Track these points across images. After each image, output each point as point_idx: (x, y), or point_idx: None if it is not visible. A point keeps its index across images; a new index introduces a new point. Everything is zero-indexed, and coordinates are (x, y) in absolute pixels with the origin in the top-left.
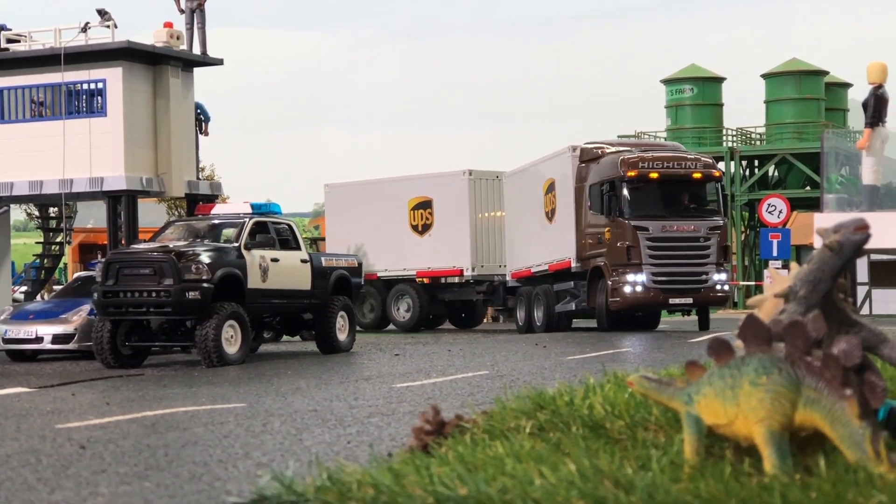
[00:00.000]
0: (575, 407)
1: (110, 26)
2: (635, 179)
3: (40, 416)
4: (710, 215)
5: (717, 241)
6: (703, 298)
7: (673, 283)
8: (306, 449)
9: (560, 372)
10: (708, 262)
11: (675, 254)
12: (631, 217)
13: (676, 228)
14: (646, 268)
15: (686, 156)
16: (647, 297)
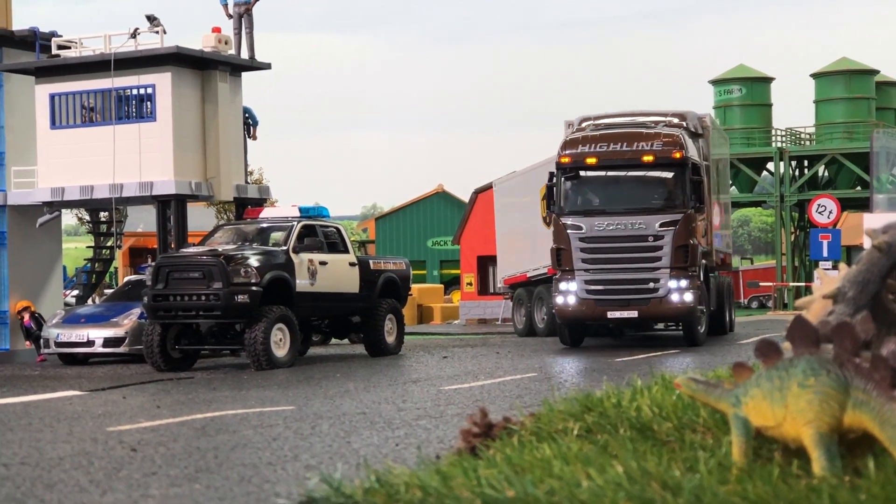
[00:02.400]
0: (622, 409)
1: (159, 32)
2: (569, 167)
3: (92, 419)
4: (667, 208)
5: (674, 239)
6: (653, 311)
7: (611, 292)
8: (354, 451)
9: (607, 374)
10: (659, 266)
11: (613, 257)
12: (562, 213)
13: (615, 226)
14: (578, 274)
15: (641, 131)
16: (579, 310)
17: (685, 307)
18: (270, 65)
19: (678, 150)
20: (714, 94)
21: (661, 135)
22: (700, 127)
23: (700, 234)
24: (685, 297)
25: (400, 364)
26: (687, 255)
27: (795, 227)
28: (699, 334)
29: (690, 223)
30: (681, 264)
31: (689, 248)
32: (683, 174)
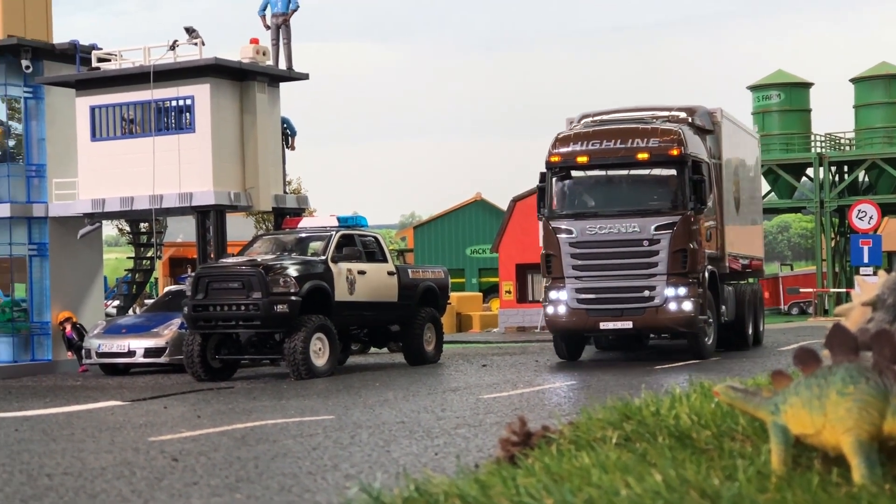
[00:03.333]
0: (661, 417)
1: (198, 44)
2: (559, 166)
3: (133, 429)
4: (664, 209)
5: (671, 243)
6: (649, 322)
7: (604, 301)
8: (394, 460)
9: (646, 382)
10: (655, 272)
11: (606, 263)
12: (552, 216)
13: (607, 229)
14: (569, 282)
15: (637, 127)
16: (570, 321)
17: (684, 317)
18: (308, 75)
19: (676, 147)
20: (752, 99)
21: (658, 131)
22: (710, 123)
23: (703, 237)
24: (684, 306)
25: (439, 373)
26: (685, 260)
27: (836, 232)
28: (705, 346)
29: (690, 225)
30: (678, 270)
31: (687, 253)
32: (682, 173)
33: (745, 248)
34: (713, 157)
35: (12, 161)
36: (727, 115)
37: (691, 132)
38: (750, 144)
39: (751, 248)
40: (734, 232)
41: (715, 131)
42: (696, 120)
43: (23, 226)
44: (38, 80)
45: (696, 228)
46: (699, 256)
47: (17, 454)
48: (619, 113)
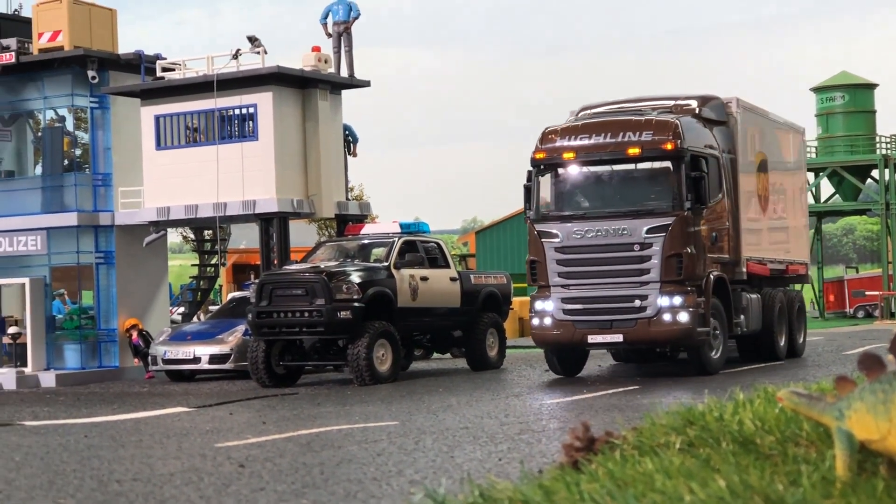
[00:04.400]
0: (724, 422)
1: (260, 52)
2: (544, 164)
3: (200, 436)
4: (657, 210)
5: (664, 247)
6: (640, 335)
7: (591, 312)
8: (458, 466)
9: (710, 387)
10: (647, 280)
11: (594, 270)
12: (538, 218)
13: (595, 233)
14: (554, 291)
15: (630, 119)
16: (556, 334)
17: (679, 329)
18: (370, 82)
19: (670, 141)
20: (816, 101)
21: (652, 123)
22: (723, 113)
23: (706, 239)
24: (679, 318)
25: (502, 378)
26: (681, 266)
27: None
28: (711, 361)
29: (686, 227)
30: (673, 277)
31: (683, 258)
32: (678, 169)
33: (777, 251)
34: (725, 151)
35: (79, 170)
36: (746, 105)
37: (695, 124)
38: (787, 138)
39: (787, 251)
40: (758, 234)
41: (728, 123)
42: (705, 111)
43: (90, 234)
44: (104, 90)
45: (694, 230)
46: (699, 262)
47: (87, 460)
48: (622, 104)
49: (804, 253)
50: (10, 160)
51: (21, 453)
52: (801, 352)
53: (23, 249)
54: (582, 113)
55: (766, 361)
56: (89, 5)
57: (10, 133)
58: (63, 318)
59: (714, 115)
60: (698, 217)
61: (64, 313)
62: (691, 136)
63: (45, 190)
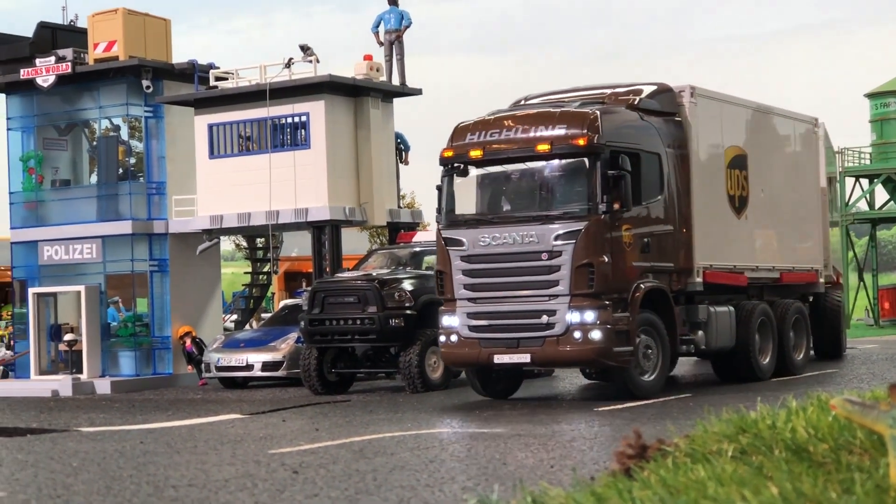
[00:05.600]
0: (777, 430)
1: (312, 61)
2: (451, 162)
3: (254, 442)
4: (569, 214)
5: (574, 256)
6: (549, 355)
7: (497, 329)
8: (510, 473)
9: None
10: (556, 292)
11: (500, 282)
12: (445, 224)
13: (502, 240)
14: (460, 305)
15: (546, 111)
16: (462, 352)
17: (592, 349)
18: (421, 90)
19: (583, 136)
20: (870, 107)
21: (568, 115)
22: (672, 104)
23: (631, 246)
24: (591, 336)
25: (553, 385)
26: (592, 276)
27: None
28: (640, 384)
29: (601, 233)
30: (584, 290)
31: (595, 268)
32: (593, 167)
33: (764, 257)
34: (673, 146)
35: (133, 179)
36: (706, 94)
37: (627, 116)
38: (789, 131)
39: (786, 258)
40: (729, 238)
41: (679, 114)
42: (646, 101)
43: (144, 242)
44: (159, 99)
45: (613, 236)
46: (619, 272)
47: (143, 466)
48: (561, 94)
49: (818, 259)
50: (66, 169)
51: (78, 459)
52: (796, 369)
53: (78, 257)
54: (515, 104)
55: (744, 381)
56: (144, 15)
57: (66, 142)
58: (117, 325)
59: (659, 107)
60: (619, 221)
61: (118, 321)
62: (615, 129)
63: (101, 198)
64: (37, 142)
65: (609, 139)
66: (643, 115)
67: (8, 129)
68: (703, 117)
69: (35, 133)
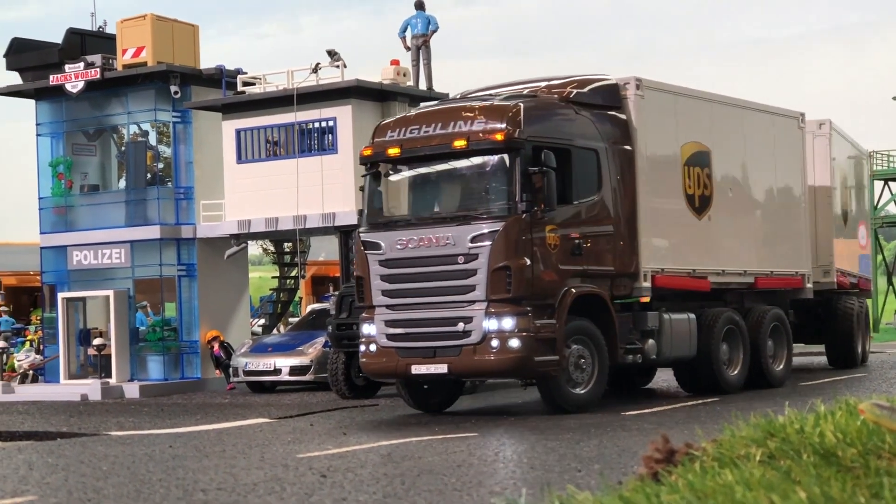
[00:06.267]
0: (805, 434)
1: (340, 66)
2: (370, 160)
3: (282, 446)
4: (486, 214)
5: (490, 259)
6: (466, 365)
7: (414, 337)
8: (538, 477)
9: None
10: (473, 298)
11: (417, 287)
12: (365, 227)
13: (418, 243)
14: (378, 312)
15: (466, 105)
16: (380, 362)
17: (510, 359)
18: (448, 95)
19: (501, 130)
20: None
21: (487, 109)
22: (615, 97)
23: (555, 248)
24: (509, 344)
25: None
26: (510, 281)
27: None
28: (570, 396)
29: (520, 234)
30: (501, 295)
31: (513, 272)
32: (512, 163)
33: (734, 260)
34: (614, 141)
35: (162, 184)
36: (655, 86)
37: (558, 110)
38: (767, 127)
39: (761, 262)
40: (687, 240)
41: (623, 107)
42: (582, 94)
43: (172, 247)
44: (187, 104)
45: (535, 237)
46: (542, 276)
47: (172, 470)
48: (499, 88)
49: (803, 263)
50: (95, 174)
51: (108, 463)
52: (778, 381)
53: (107, 262)
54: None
55: (709, 395)
56: (172, 21)
57: (94, 148)
58: (146, 329)
59: (599, 100)
60: (542, 221)
61: (146, 325)
62: (540, 123)
63: (129, 203)
64: (66, 147)
65: (532, 134)
66: (579, 109)
67: (38, 135)
68: (652, 111)
69: (64, 139)
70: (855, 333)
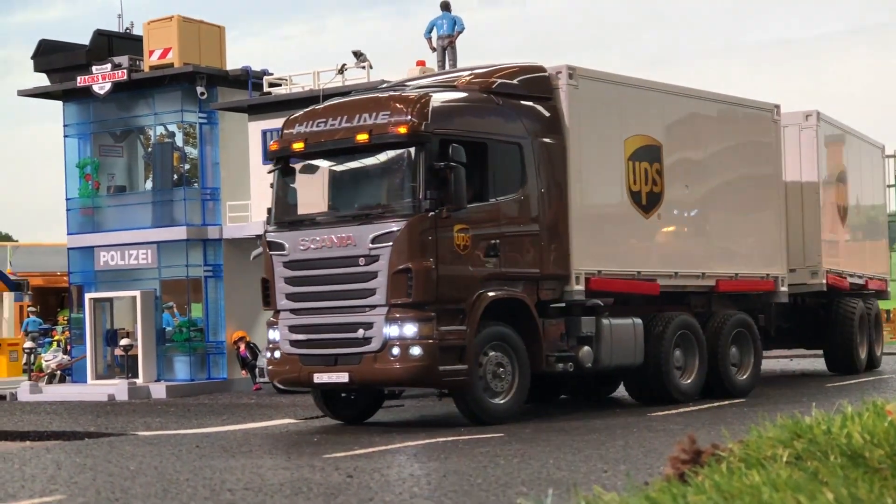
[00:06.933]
0: (832, 436)
1: (365, 67)
2: (276, 155)
3: (308, 447)
4: (388, 212)
5: (392, 259)
6: (366, 374)
7: (316, 344)
8: (564, 477)
9: (818, 400)
10: (373, 302)
11: (319, 290)
12: (273, 227)
13: (321, 244)
14: (283, 317)
15: (374, 97)
16: (284, 370)
17: (412, 367)
18: None
19: (405, 123)
20: None
21: (394, 100)
22: (545, 88)
23: (468, 249)
24: (411, 352)
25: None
26: (410, 284)
27: None
28: (488, 407)
29: (424, 234)
30: (402, 299)
31: (414, 274)
32: (417, 158)
33: (692, 262)
34: (542, 134)
35: (188, 185)
36: (591, 75)
37: (478, 101)
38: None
39: (724, 263)
40: (635, 241)
41: (553, 98)
42: (507, 84)
43: (198, 248)
44: (213, 105)
45: (440, 238)
46: (449, 279)
47: (199, 469)
48: (422, 78)
49: (776, 264)
50: (122, 175)
51: (135, 462)
52: (741, 391)
53: (134, 263)
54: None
55: (659, 405)
56: (198, 23)
57: (121, 149)
58: (172, 330)
59: (526, 91)
60: (450, 220)
61: (173, 326)
62: (450, 115)
63: (156, 204)
64: (93, 148)
65: (440, 126)
66: (501, 100)
67: (65, 136)
68: (588, 102)
69: (91, 140)
70: (856, 337)
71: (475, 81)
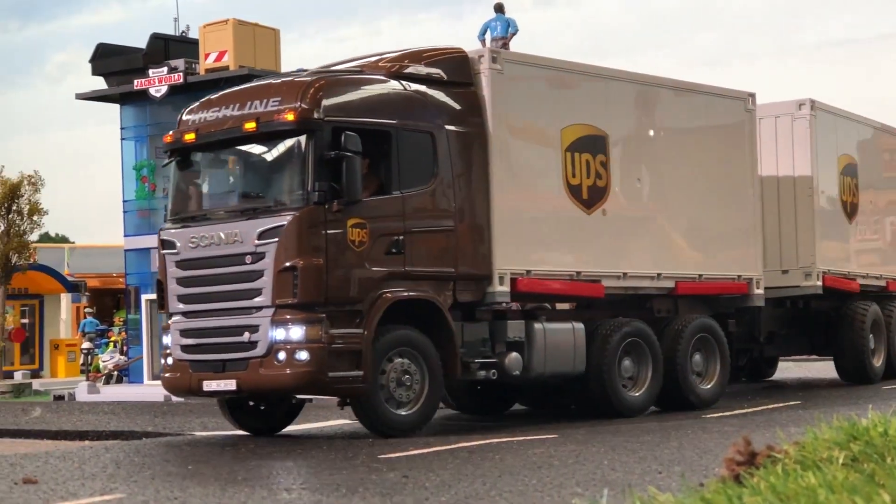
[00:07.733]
0: (889, 437)
1: None
2: (169, 147)
3: (364, 447)
4: (275, 206)
5: (277, 256)
6: (253, 381)
7: (204, 349)
8: (619, 479)
9: (874, 402)
10: (259, 303)
11: (209, 291)
12: (167, 224)
13: (209, 241)
14: (175, 320)
15: (264, 83)
16: (175, 377)
17: (297, 374)
18: None
19: (293, 110)
20: None
21: (285, 86)
22: (465, 73)
23: (364, 245)
24: (297, 357)
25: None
26: (296, 283)
27: None
28: (392, 417)
29: (312, 229)
30: (287, 299)
31: (300, 272)
32: (306, 148)
33: (646, 262)
34: (462, 122)
35: None
36: (520, 60)
37: (382, 86)
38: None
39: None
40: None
41: (476, 84)
42: (418, 68)
43: None
44: None
45: (329, 233)
46: (343, 277)
47: (255, 469)
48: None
49: (751, 265)
50: None
51: (193, 462)
52: (705, 401)
53: None
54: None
55: (607, 418)
56: (253, 25)
57: None
58: None
59: (442, 75)
60: (343, 214)
61: None
62: (346, 102)
63: None
64: (150, 151)
65: (333, 113)
66: (411, 85)
67: (122, 139)
68: (515, 88)
69: (148, 142)
70: (866, 343)
71: (383, 65)
